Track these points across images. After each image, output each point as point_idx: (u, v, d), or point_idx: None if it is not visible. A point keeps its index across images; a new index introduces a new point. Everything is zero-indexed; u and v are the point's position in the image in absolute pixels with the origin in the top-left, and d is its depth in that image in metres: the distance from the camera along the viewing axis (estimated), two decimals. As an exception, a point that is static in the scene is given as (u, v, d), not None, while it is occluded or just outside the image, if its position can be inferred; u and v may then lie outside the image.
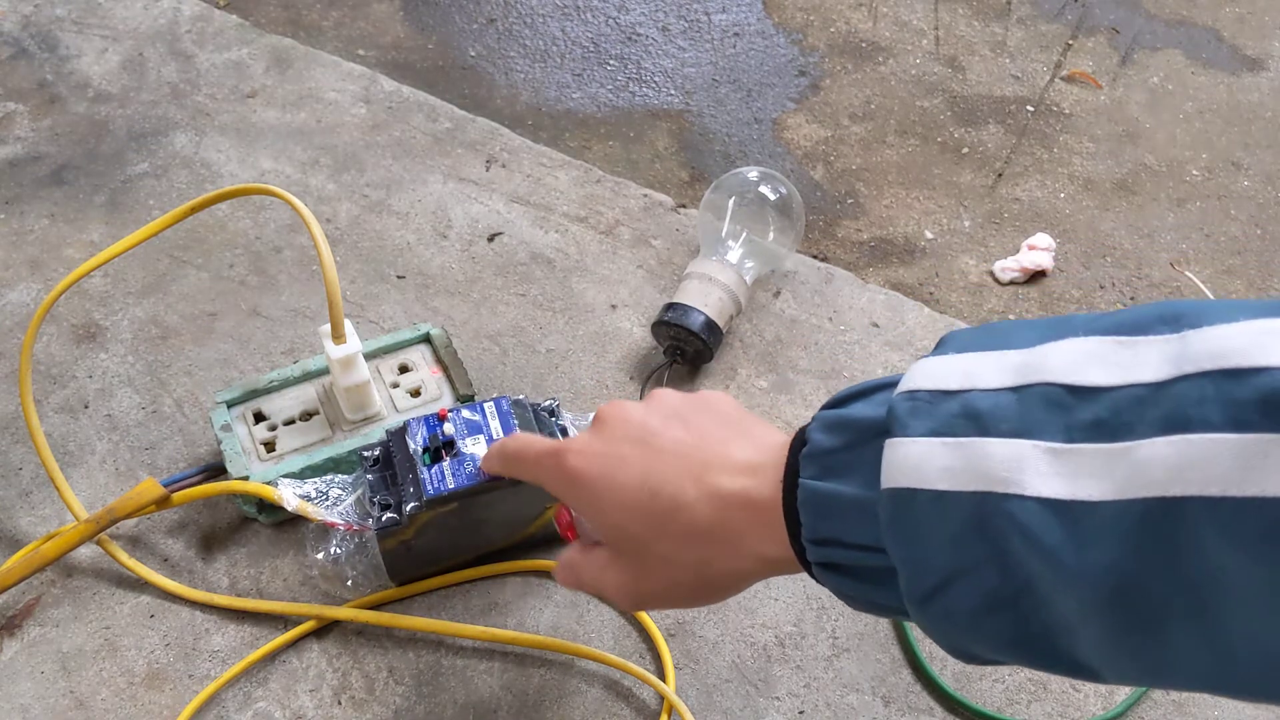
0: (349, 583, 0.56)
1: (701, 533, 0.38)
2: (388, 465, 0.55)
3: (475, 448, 0.54)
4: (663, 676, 0.54)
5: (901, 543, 0.32)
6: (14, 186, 0.80)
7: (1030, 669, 0.33)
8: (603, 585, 0.43)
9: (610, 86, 1.02)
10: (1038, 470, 0.29)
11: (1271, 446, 0.25)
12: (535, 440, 0.46)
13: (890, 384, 0.34)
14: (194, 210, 0.61)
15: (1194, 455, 0.26)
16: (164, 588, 0.57)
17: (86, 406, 0.66)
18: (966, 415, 0.31)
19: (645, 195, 0.81)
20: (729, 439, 0.40)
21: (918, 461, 0.31)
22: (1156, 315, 0.29)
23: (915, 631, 0.57)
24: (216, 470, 0.61)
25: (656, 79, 1.02)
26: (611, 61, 1.05)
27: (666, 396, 0.43)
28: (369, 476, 0.55)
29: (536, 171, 0.82)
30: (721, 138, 0.97)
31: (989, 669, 0.55)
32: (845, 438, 0.34)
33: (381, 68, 0.97)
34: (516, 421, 0.56)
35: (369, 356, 0.63)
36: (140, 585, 0.58)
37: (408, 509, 0.53)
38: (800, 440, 0.36)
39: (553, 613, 0.57)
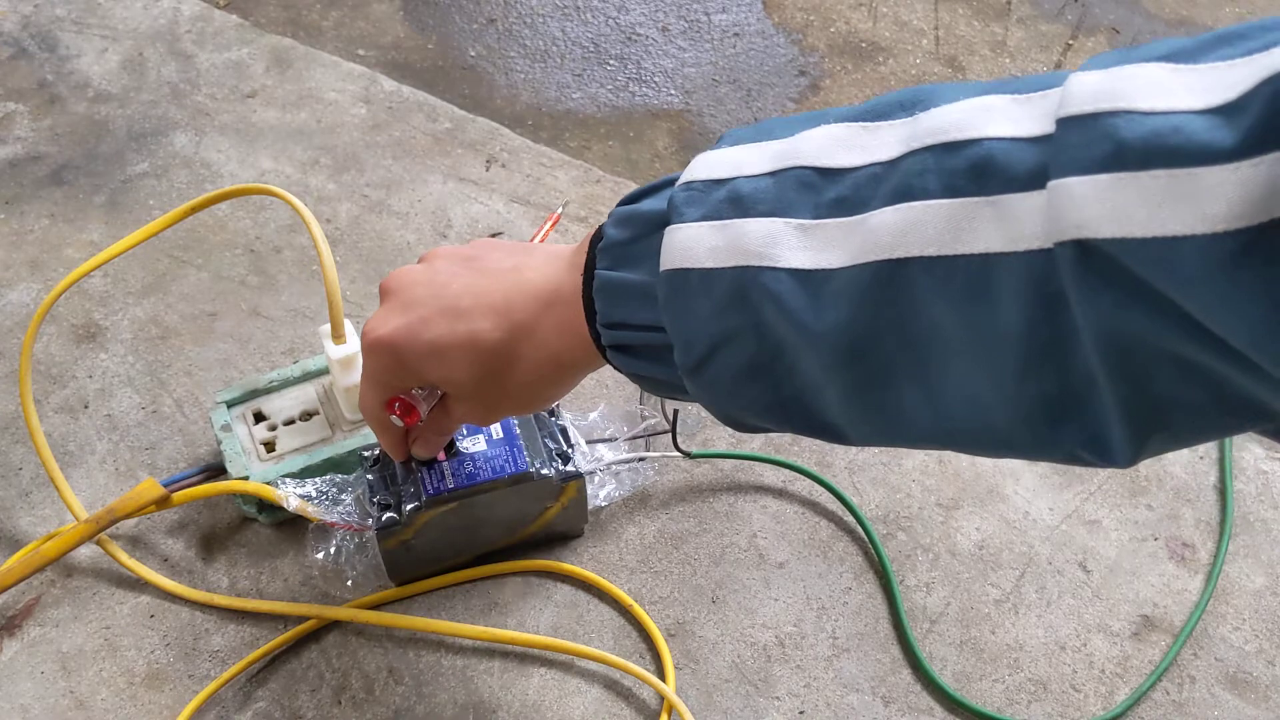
0: (349, 583, 0.56)
1: (521, 357, 0.41)
2: (388, 465, 0.55)
3: (475, 447, 0.54)
4: (663, 676, 0.54)
5: (675, 318, 0.35)
6: (14, 186, 0.80)
7: (791, 433, 0.38)
8: (463, 423, 0.48)
9: (610, 86, 1.02)
10: (788, 245, 0.32)
11: (976, 209, 0.28)
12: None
13: (675, 179, 0.37)
14: (194, 210, 0.61)
15: (914, 219, 0.29)
16: (164, 588, 0.57)
17: (86, 406, 0.66)
18: (731, 199, 0.34)
19: (645, 195, 0.81)
20: (518, 267, 0.42)
21: (690, 244, 0.34)
22: (897, 101, 0.32)
23: (915, 631, 0.57)
24: (216, 470, 0.61)
25: (656, 79, 1.02)
26: (611, 61, 1.04)
27: (442, 251, 0.45)
28: (369, 476, 0.55)
29: (536, 171, 0.82)
30: (721, 138, 0.97)
31: (989, 671, 0.55)
32: (633, 230, 0.37)
33: (381, 68, 0.97)
34: (515, 420, 0.56)
35: (369, 356, 0.63)
36: (140, 585, 0.58)
37: (408, 509, 0.53)
38: (598, 236, 0.39)
39: (553, 613, 0.57)
